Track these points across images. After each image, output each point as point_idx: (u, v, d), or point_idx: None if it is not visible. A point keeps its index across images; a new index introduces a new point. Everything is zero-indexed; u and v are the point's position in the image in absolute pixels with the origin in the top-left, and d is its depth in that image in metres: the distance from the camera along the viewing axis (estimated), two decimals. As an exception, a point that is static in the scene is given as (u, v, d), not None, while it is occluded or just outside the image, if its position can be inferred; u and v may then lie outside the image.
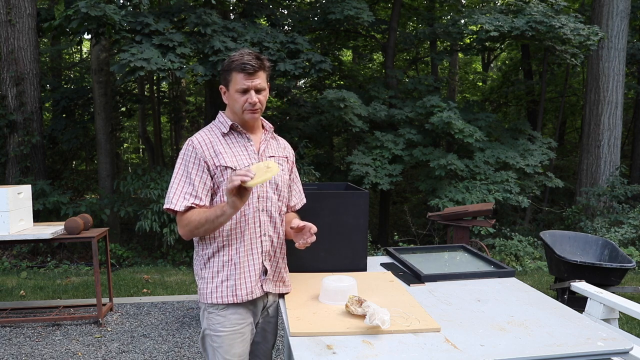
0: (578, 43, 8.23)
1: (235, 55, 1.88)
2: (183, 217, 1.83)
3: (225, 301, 1.87)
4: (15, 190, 3.95)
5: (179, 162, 1.88)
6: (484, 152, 8.53)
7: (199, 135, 1.90)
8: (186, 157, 1.86)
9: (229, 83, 1.88)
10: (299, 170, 7.77)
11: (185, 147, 1.89)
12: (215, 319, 1.89)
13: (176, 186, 1.85)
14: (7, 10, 7.56)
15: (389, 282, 2.16)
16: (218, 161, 1.86)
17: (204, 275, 1.91)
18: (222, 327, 1.88)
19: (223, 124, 1.94)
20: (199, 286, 1.94)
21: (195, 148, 1.86)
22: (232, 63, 1.86)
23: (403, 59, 14.39)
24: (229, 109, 1.95)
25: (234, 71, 1.85)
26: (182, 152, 1.88)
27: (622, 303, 2.51)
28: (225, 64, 1.90)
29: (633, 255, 6.63)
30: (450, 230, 5.37)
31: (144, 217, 6.87)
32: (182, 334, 4.06)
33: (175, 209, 1.82)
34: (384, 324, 1.60)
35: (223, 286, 1.87)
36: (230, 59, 1.88)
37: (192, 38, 7.30)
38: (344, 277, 1.94)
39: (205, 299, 1.90)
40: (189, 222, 1.81)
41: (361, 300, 1.75)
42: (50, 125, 10.05)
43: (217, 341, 1.89)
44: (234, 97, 1.88)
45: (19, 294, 5.19)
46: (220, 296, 1.88)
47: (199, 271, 1.94)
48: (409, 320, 1.70)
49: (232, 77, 1.86)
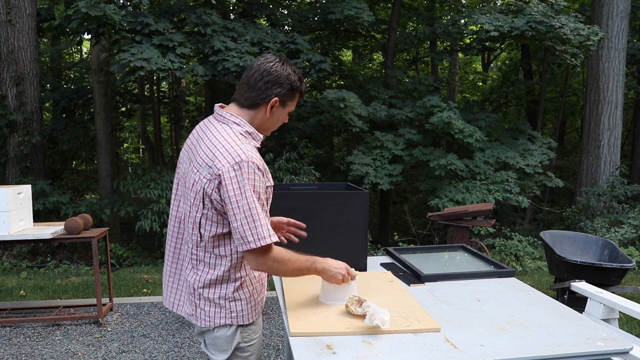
0: (578, 43, 8.23)
1: (295, 72, 1.75)
2: (274, 253, 1.66)
3: (259, 315, 1.82)
4: (15, 190, 3.95)
5: (249, 189, 1.58)
6: (484, 152, 8.53)
7: (253, 154, 1.63)
8: (256, 184, 1.61)
9: (288, 101, 1.74)
10: (299, 170, 7.78)
11: (249, 171, 1.58)
12: (249, 329, 1.77)
13: (258, 218, 1.59)
14: (7, 10, 7.56)
15: (389, 282, 2.15)
16: (269, 181, 1.72)
17: (239, 296, 1.72)
18: (255, 334, 1.79)
19: (253, 136, 1.72)
20: (227, 308, 1.71)
21: (260, 171, 1.63)
22: (301, 84, 1.75)
23: (403, 59, 14.39)
24: (260, 119, 1.74)
25: (299, 93, 1.76)
26: (247, 177, 1.58)
27: (622, 303, 2.51)
28: (294, 82, 1.73)
29: (633, 255, 6.63)
30: (450, 230, 5.37)
31: (144, 217, 6.87)
32: (182, 334, 4.06)
33: (274, 240, 1.63)
34: (384, 324, 1.60)
35: (258, 300, 1.80)
36: (297, 78, 1.74)
37: (192, 38, 7.30)
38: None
39: (242, 320, 1.73)
40: (283, 260, 1.68)
41: (361, 300, 1.75)
42: (50, 125, 10.05)
43: (249, 350, 1.78)
44: (283, 116, 1.77)
45: (19, 294, 5.19)
46: (257, 312, 1.80)
47: (227, 294, 1.71)
48: (409, 320, 1.70)
49: (295, 99, 1.76)
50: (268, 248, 1.63)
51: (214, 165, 1.59)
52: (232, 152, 1.59)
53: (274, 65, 1.70)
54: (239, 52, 7.07)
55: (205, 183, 1.61)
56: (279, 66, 1.70)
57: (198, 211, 1.65)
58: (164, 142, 15.54)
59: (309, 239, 2.26)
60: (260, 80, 1.69)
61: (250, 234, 1.58)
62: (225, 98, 2.27)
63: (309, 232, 2.27)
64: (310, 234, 2.26)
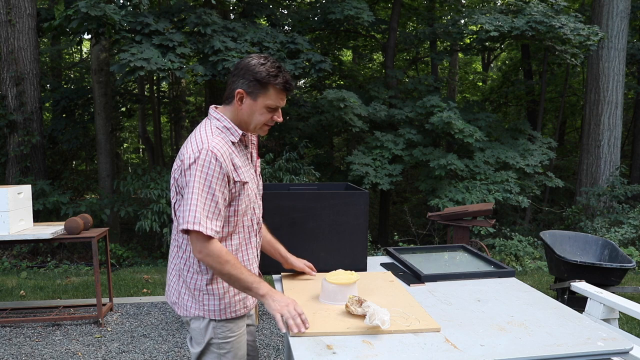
0: (578, 43, 8.23)
1: (267, 64, 1.71)
2: (211, 246, 1.64)
3: (238, 314, 1.81)
4: (15, 190, 3.95)
5: (199, 174, 1.63)
6: (484, 152, 8.53)
7: (217, 144, 1.67)
8: (210, 172, 1.63)
9: (258, 94, 1.71)
10: (299, 170, 7.78)
11: (205, 159, 1.63)
12: (224, 326, 1.79)
13: (202, 205, 1.62)
14: (7, 10, 7.56)
15: (389, 282, 2.15)
16: (238, 176, 1.72)
17: (212, 291, 1.76)
18: (232, 332, 1.80)
19: (231, 131, 1.75)
20: (200, 301, 1.76)
21: (218, 161, 1.64)
22: (271, 77, 1.69)
23: (403, 59, 14.39)
24: (236, 114, 1.75)
25: (272, 86, 1.71)
26: (202, 164, 1.63)
27: (622, 303, 2.51)
28: (258, 72, 1.70)
29: (633, 255, 6.63)
30: (450, 230, 5.37)
31: (144, 217, 6.87)
32: (182, 334, 4.06)
33: (206, 232, 1.62)
34: (384, 324, 1.59)
35: (235, 299, 1.80)
36: (266, 71, 1.70)
37: (192, 38, 7.30)
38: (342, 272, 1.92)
39: (214, 315, 1.77)
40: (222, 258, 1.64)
41: (361, 300, 1.75)
42: (50, 125, 10.05)
43: (225, 347, 1.79)
44: (258, 110, 1.73)
45: (19, 294, 5.19)
46: (232, 310, 1.79)
47: (201, 286, 1.76)
48: (409, 320, 1.70)
49: (267, 91, 1.71)
50: (203, 237, 1.63)
51: (182, 152, 1.70)
52: (198, 141, 1.67)
53: (247, 60, 1.74)
54: (239, 52, 7.07)
55: (175, 170, 1.72)
56: (252, 60, 1.72)
57: (174, 197, 1.75)
58: (164, 142, 15.54)
59: (309, 239, 2.27)
60: (231, 76, 1.76)
61: (188, 215, 1.62)
62: (225, 98, 2.31)
63: (309, 232, 2.28)
64: (311, 234, 2.27)
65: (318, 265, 2.31)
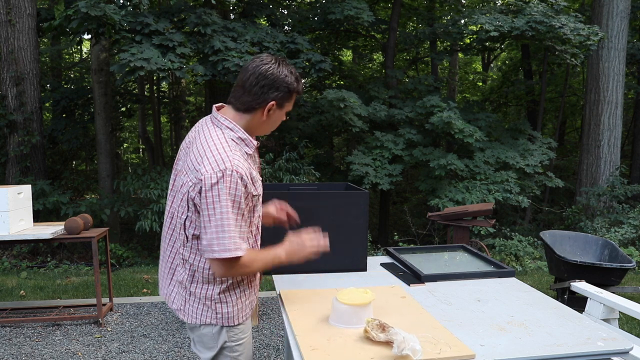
0: (578, 43, 8.23)
1: (292, 72, 1.70)
2: (241, 261, 1.63)
3: (248, 317, 1.82)
4: (15, 190, 3.95)
5: (225, 197, 1.55)
6: (484, 152, 8.53)
7: (239, 162, 1.60)
8: (237, 193, 1.58)
9: (285, 103, 1.70)
10: (299, 170, 7.78)
11: (231, 180, 1.56)
12: (236, 329, 1.77)
13: (236, 228, 1.59)
14: (7, 10, 7.56)
15: (401, 299, 1.96)
16: (256, 190, 1.68)
17: (224, 299, 1.73)
18: (243, 334, 1.80)
19: (246, 142, 1.69)
20: (213, 309, 1.72)
21: (244, 181, 1.59)
22: (298, 84, 1.70)
23: (403, 59, 14.40)
24: (253, 122, 1.70)
25: (296, 93, 1.72)
26: (229, 186, 1.56)
27: (622, 303, 2.51)
28: (290, 83, 1.68)
29: (633, 255, 6.63)
30: (450, 230, 5.37)
31: (144, 217, 6.87)
32: (182, 334, 4.06)
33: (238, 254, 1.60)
34: (416, 354, 1.41)
35: (246, 304, 1.80)
36: (294, 79, 1.69)
37: (192, 38, 7.30)
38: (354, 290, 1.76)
39: (228, 322, 1.74)
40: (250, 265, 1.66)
41: (382, 324, 1.55)
42: (50, 125, 10.05)
43: (238, 349, 1.78)
44: (280, 117, 1.74)
45: (19, 294, 5.19)
46: (244, 314, 1.80)
47: (212, 295, 1.72)
48: (439, 346, 1.52)
49: (292, 98, 1.72)
50: (235, 259, 1.61)
51: (199, 170, 1.58)
52: (218, 158, 1.57)
53: (269, 68, 1.65)
54: (239, 52, 7.07)
55: (190, 187, 1.61)
56: (274, 68, 1.66)
57: (183, 213, 1.66)
58: (164, 142, 15.54)
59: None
60: (256, 85, 1.65)
61: (217, 243, 1.57)
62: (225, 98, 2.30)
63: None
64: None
65: (318, 266, 2.31)
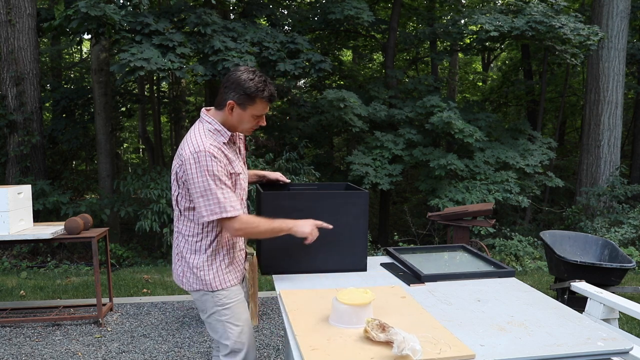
0: (578, 43, 8.23)
1: (255, 79, 1.95)
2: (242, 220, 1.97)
3: (232, 284, 2.10)
4: (15, 190, 3.95)
5: (204, 172, 1.90)
6: (484, 152, 8.53)
7: (211, 145, 1.93)
8: (212, 168, 1.91)
9: (247, 106, 1.98)
10: (299, 170, 7.78)
11: (205, 158, 1.90)
12: (221, 294, 2.06)
13: (221, 194, 1.92)
14: (7, 10, 7.56)
15: (401, 299, 1.97)
16: (233, 168, 2.02)
17: (206, 267, 2.04)
18: (229, 299, 2.07)
19: (221, 133, 2.01)
20: (198, 275, 2.05)
21: (216, 158, 1.92)
22: (259, 92, 1.96)
23: (403, 59, 14.40)
24: (226, 119, 2.02)
25: (260, 99, 1.98)
26: (204, 163, 1.90)
27: (622, 303, 2.51)
28: (248, 88, 1.95)
29: (633, 255, 6.63)
30: (450, 230, 5.37)
31: (144, 217, 6.87)
32: (182, 334, 4.06)
33: (234, 214, 1.94)
34: (416, 354, 1.42)
35: (228, 270, 2.08)
36: (255, 85, 1.95)
37: (192, 38, 7.30)
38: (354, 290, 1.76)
39: (211, 287, 2.05)
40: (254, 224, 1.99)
41: (383, 324, 1.57)
42: (50, 125, 10.05)
43: (226, 313, 2.07)
44: (246, 118, 2.01)
45: (19, 294, 5.19)
46: (228, 279, 2.08)
47: (198, 264, 2.04)
48: (439, 346, 1.54)
49: (255, 103, 1.98)
50: (229, 219, 1.94)
51: (182, 153, 1.96)
52: (194, 142, 1.94)
53: (237, 74, 1.97)
54: (239, 52, 7.07)
55: (177, 167, 1.99)
56: (240, 75, 1.96)
57: (175, 190, 2.03)
58: (164, 142, 15.53)
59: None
60: (222, 87, 2.01)
61: (205, 209, 1.93)
62: (225, 98, 2.29)
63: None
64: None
65: (318, 266, 2.30)
